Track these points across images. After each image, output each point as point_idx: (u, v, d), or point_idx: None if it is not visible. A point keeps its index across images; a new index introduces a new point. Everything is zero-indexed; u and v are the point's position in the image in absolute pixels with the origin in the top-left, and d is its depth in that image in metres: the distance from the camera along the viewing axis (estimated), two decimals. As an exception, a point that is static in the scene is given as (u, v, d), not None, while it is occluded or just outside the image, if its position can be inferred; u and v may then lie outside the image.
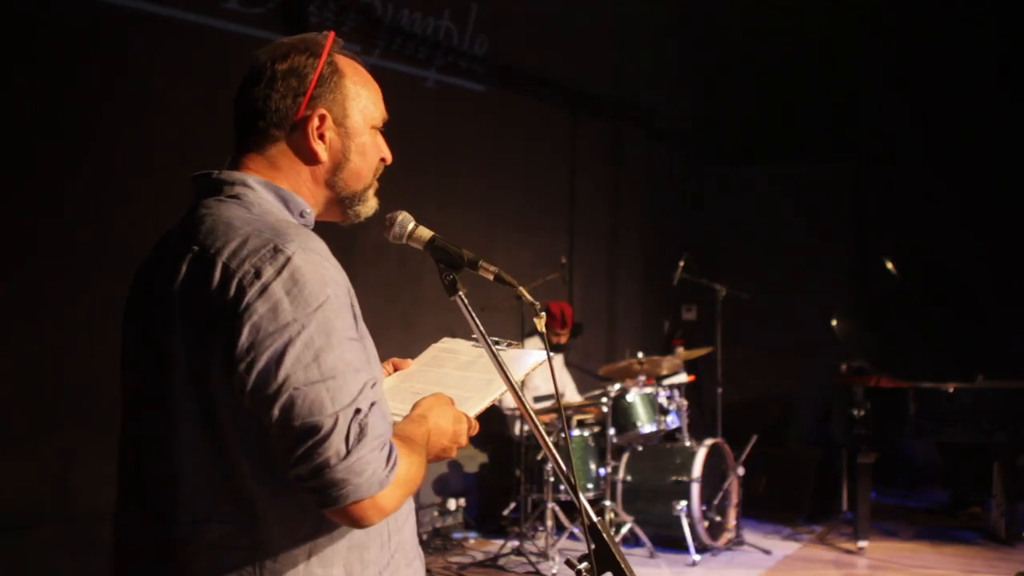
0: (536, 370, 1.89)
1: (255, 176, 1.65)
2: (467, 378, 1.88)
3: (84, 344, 4.76)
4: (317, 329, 1.45)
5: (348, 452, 1.41)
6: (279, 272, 1.46)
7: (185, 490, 1.52)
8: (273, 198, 1.65)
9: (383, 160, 1.78)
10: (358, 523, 1.46)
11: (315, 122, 1.67)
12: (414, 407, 1.70)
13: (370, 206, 1.78)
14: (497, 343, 1.77)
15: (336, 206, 1.75)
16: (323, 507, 1.44)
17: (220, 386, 1.48)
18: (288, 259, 1.47)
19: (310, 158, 1.68)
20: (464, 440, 1.73)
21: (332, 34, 1.72)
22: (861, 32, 9.44)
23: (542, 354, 1.89)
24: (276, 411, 1.42)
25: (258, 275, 1.46)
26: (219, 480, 1.51)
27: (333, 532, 1.55)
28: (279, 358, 1.43)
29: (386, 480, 1.44)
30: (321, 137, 1.68)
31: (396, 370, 1.98)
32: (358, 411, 1.44)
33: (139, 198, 4.93)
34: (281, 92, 1.65)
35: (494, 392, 1.83)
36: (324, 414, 1.41)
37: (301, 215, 1.67)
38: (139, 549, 1.59)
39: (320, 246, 1.54)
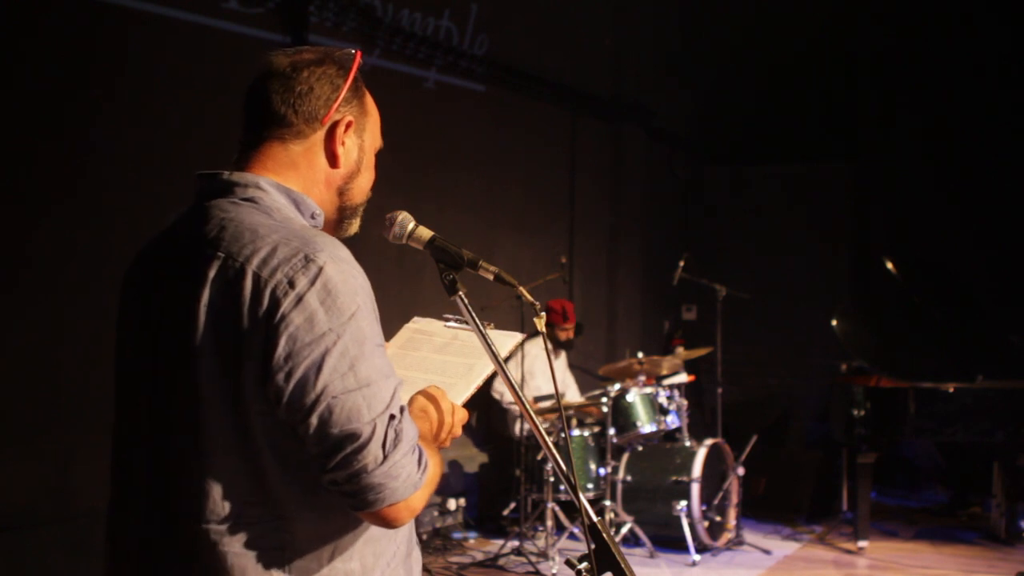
0: (537, 365, 1.91)
1: (266, 178, 1.65)
2: (447, 363, 1.89)
3: (83, 344, 4.75)
4: (351, 338, 1.48)
5: (385, 458, 1.46)
6: (312, 282, 1.48)
7: (213, 493, 1.53)
8: (285, 200, 1.65)
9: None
10: (391, 524, 1.52)
11: (343, 127, 1.70)
12: (411, 402, 1.72)
13: (356, 225, 1.81)
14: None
15: (336, 216, 1.76)
16: (358, 510, 1.49)
17: (253, 394, 1.49)
18: (320, 269, 1.49)
19: (330, 160, 1.71)
20: (459, 430, 1.77)
21: (359, 53, 1.76)
22: (861, 32, 9.45)
23: (519, 335, 1.92)
24: (314, 419, 1.46)
25: (292, 285, 1.48)
26: (247, 484, 1.53)
27: (354, 530, 1.59)
28: (318, 368, 1.46)
29: (419, 482, 1.51)
30: (343, 143, 1.71)
31: None
32: (392, 417, 1.49)
33: (139, 198, 4.92)
34: (316, 93, 1.67)
35: (476, 378, 1.84)
36: (362, 421, 1.46)
37: (312, 217, 1.69)
38: (160, 550, 1.58)
39: (346, 254, 1.56)
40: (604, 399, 6.24)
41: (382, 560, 1.64)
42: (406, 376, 1.83)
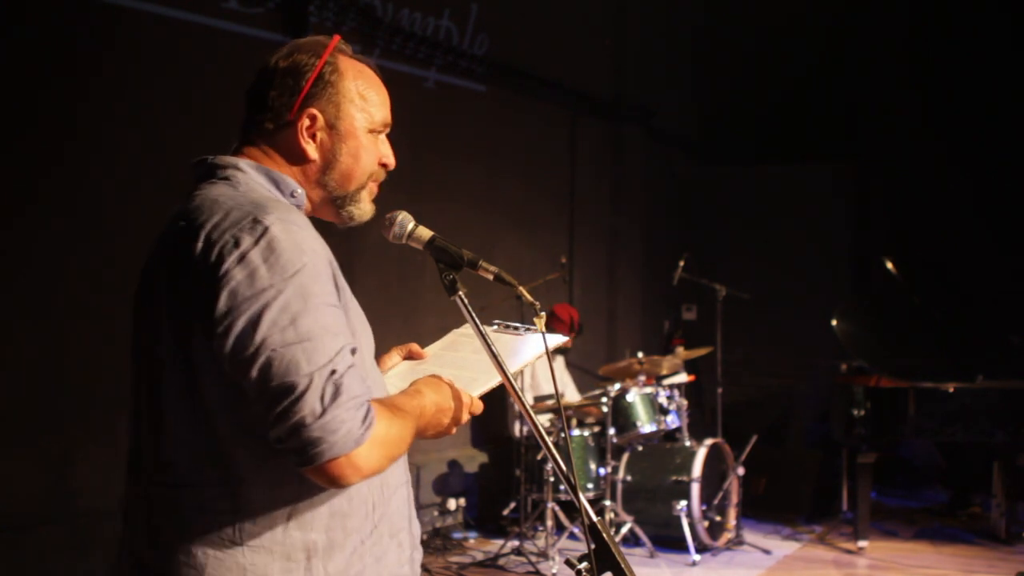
0: (539, 362, 1.93)
1: (247, 160, 1.71)
2: (479, 361, 1.89)
3: (85, 344, 4.76)
4: (294, 293, 1.49)
5: (323, 411, 1.44)
6: (257, 241, 1.51)
7: (172, 455, 1.58)
8: (264, 180, 1.70)
9: (384, 165, 1.81)
10: (336, 482, 1.49)
11: (305, 122, 1.72)
12: (411, 384, 1.74)
13: (364, 208, 1.80)
14: (516, 328, 1.84)
15: (329, 206, 1.78)
16: (301, 466, 1.48)
17: (202, 352, 1.53)
18: (266, 228, 1.52)
19: (299, 156, 1.73)
20: (464, 417, 1.76)
21: (337, 37, 1.77)
22: (862, 32, 9.45)
23: (561, 337, 1.96)
24: (254, 372, 1.47)
25: (237, 244, 1.51)
26: (202, 445, 1.55)
27: (314, 498, 1.58)
28: (256, 321, 1.47)
29: (361, 438, 1.47)
30: (312, 137, 1.73)
31: (411, 356, 2.00)
32: (333, 372, 1.47)
33: (139, 197, 4.93)
34: (279, 89, 1.71)
35: (495, 377, 1.83)
36: (300, 374, 1.45)
37: (292, 195, 1.72)
38: (134, 513, 1.65)
39: (300, 219, 1.59)
40: (604, 399, 6.24)
41: (353, 537, 1.62)
42: (432, 372, 1.86)
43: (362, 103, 1.76)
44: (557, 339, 1.94)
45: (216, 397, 1.54)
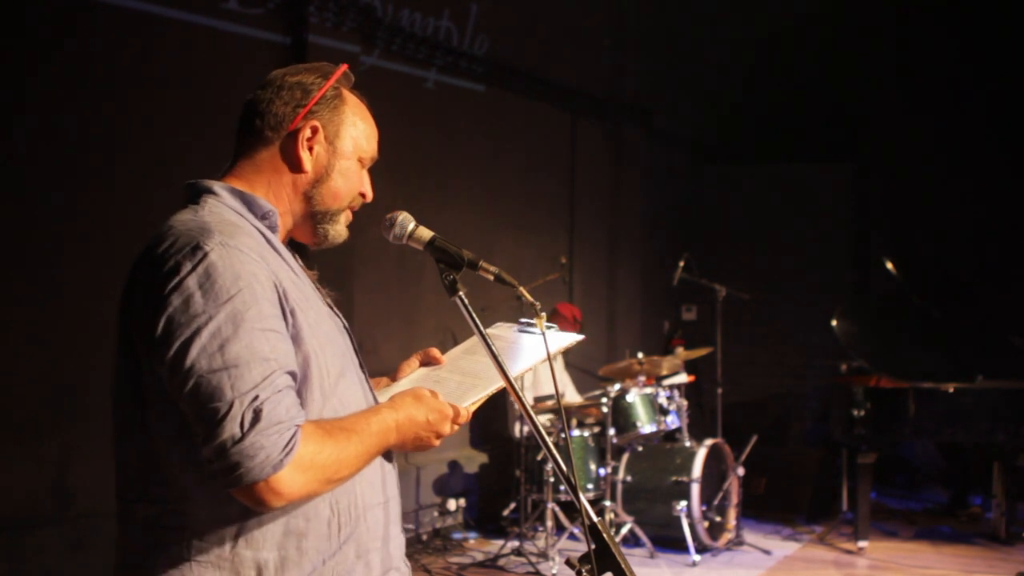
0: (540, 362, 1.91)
1: (224, 183, 1.75)
2: (489, 366, 1.88)
3: (84, 344, 4.75)
4: (226, 320, 1.53)
5: (242, 436, 1.48)
6: (195, 267, 1.55)
7: (127, 471, 1.66)
8: (237, 203, 1.72)
9: (362, 195, 1.86)
10: (258, 505, 1.53)
11: (307, 132, 1.77)
12: (390, 398, 1.74)
13: (339, 230, 1.84)
14: (533, 325, 1.85)
15: (309, 221, 1.81)
16: (226, 488, 1.52)
17: (148, 373, 1.59)
18: (205, 255, 1.56)
19: (295, 165, 1.77)
20: (446, 429, 1.76)
21: (344, 66, 1.84)
22: (861, 32, 9.45)
23: (576, 336, 1.98)
24: (185, 396, 1.52)
25: (177, 270, 1.56)
26: (149, 462, 1.61)
27: (263, 517, 1.60)
28: (187, 347, 1.52)
29: (280, 464, 1.50)
30: (310, 149, 1.77)
31: (426, 360, 2.01)
32: (256, 398, 1.51)
33: (138, 198, 4.92)
34: (284, 99, 1.76)
35: (497, 380, 1.81)
36: (223, 400, 1.50)
37: (264, 217, 1.74)
38: (118, 523, 1.71)
39: (243, 243, 1.61)
40: (604, 399, 6.24)
41: (312, 556, 1.63)
42: (445, 378, 1.89)
43: (357, 132, 1.82)
44: (572, 337, 1.97)
45: (160, 416, 1.59)
